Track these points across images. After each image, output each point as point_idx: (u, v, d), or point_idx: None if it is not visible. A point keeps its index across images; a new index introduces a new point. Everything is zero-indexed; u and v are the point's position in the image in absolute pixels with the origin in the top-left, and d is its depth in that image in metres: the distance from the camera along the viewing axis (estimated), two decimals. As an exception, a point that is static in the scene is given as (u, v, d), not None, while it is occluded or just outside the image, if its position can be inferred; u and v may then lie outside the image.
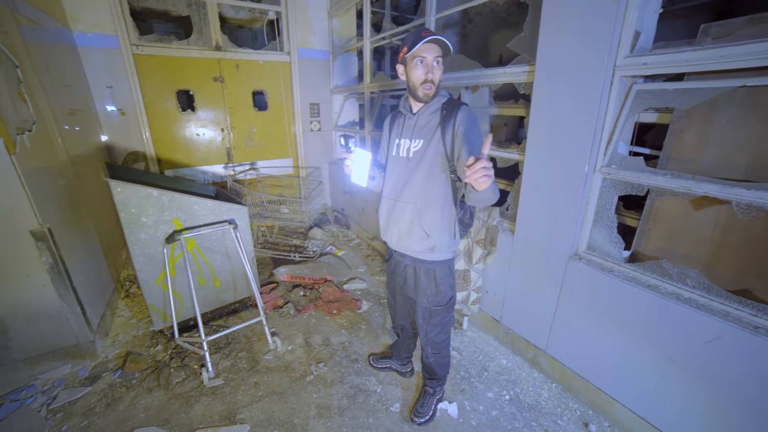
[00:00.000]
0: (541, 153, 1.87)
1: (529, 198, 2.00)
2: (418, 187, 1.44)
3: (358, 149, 1.36)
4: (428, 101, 1.41)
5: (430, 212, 1.45)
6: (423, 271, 1.56)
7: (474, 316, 2.56)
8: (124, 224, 1.99)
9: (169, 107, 3.57)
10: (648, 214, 1.75)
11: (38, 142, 2.02)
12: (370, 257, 3.59)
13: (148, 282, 2.16)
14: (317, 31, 4.13)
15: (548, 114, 1.80)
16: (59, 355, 2.08)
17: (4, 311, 1.89)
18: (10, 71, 1.89)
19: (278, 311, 2.63)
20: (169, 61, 3.45)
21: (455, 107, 1.37)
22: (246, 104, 3.96)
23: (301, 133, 4.29)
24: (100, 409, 1.83)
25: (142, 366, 2.09)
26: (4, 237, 1.80)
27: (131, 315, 2.61)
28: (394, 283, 1.75)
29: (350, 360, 2.20)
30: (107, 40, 3.12)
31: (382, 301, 2.84)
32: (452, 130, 1.35)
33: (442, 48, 1.32)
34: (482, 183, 1.07)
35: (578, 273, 1.80)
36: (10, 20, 1.97)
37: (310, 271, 2.93)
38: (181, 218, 2.16)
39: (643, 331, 1.57)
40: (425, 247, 1.50)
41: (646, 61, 1.43)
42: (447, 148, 1.37)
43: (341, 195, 4.36)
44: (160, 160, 3.61)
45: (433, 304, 1.60)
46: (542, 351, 2.10)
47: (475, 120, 1.38)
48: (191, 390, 1.94)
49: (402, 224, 1.51)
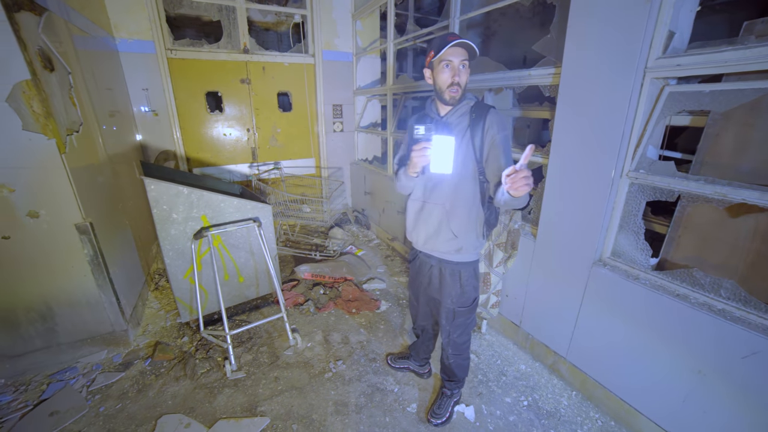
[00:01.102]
0: (566, 157, 1.84)
1: (553, 202, 1.96)
2: (447, 188, 1.46)
3: (438, 136, 1.25)
4: (455, 104, 1.43)
5: (458, 213, 1.47)
6: (449, 272, 1.57)
7: (493, 319, 2.54)
8: (157, 220, 2.09)
9: (199, 108, 3.72)
10: (678, 221, 1.68)
11: (83, 142, 2.17)
12: (390, 258, 3.61)
13: (177, 276, 2.26)
14: (341, 33, 4.19)
15: (574, 117, 1.77)
16: (97, 341, 2.22)
17: (51, 298, 2.04)
18: (63, 78, 2.04)
19: (299, 308, 2.69)
20: (200, 64, 3.60)
21: (484, 110, 1.39)
22: (271, 105, 4.07)
23: (324, 134, 4.36)
24: (133, 394, 1.94)
25: (169, 356, 2.19)
26: (53, 230, 1.94)
27: (160, 307, 2.74)
28: (418, 284, 1.77)
29: (368, 359, 2.23)
30: (145, 45, 3.29)
31: (401, 302, 2.85)
32: (482, 132, 1.38)
33: (468, 51, 1.33)
34: (523, 191, 1.12)
35: (602, 279, 1.75)
36: (64, 31, 2.16)
37: (330, 270, 2.98)
38: (209, 215, 2.25)
39: (671, 341, 1.51)
40: (452, 248, 1.51)
41: (680, 63, 1.38)
42: (476, 150, 1.40)
43: (362, 195, 4.40)
44: (189, 158, 3.76)
45: (458, 305, 1.61)
46: (562, 357, 2.05)
47: (504, 123, 1.40)
48: (215, 381, 2.02)
49: (430, 225, 1.53)
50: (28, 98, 1.76)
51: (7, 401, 1.90)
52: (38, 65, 1.82)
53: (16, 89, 1.72)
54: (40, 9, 1.91)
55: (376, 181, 3.99)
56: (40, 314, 2.04)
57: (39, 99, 1.78)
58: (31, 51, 1.78)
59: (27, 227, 1.90)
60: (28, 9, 1.81)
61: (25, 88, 1.74)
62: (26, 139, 1.80)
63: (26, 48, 1.73)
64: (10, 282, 1.93)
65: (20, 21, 1.72)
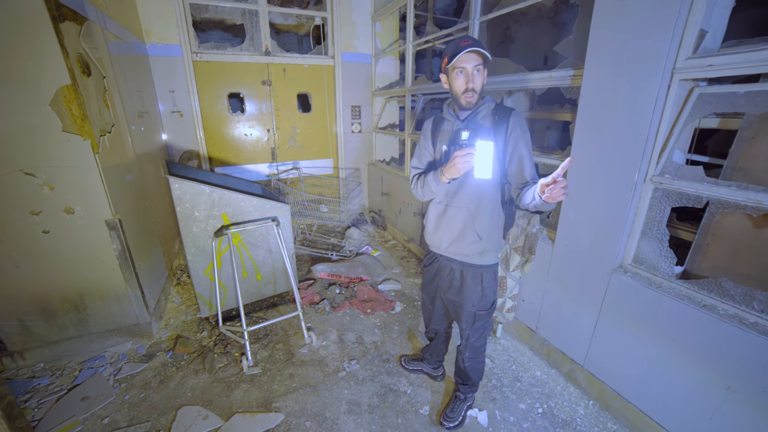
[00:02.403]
0: (587, 160, 1.79)
1: (572, 206, 1.91)
2: (471, 191, 1.47)
3: (481, 141, 1.25)
4: (471, 108, 1.43)
5: (482, 216, 1.48)
6: (470, 275, 1.57)
7: (509, 324, 2.50)
8: (180, 218, 2.18)
9: (221, 109, 3.84)
10: (706, 228, 1.61)
11: (114, 142, 2.28)
12: (406, 259, 3.61)
13: (198, 272, 2.34)
14: (361, 35, 4.23)
15: (596, 119, 1.72)
16: (123, 332, 2.33)
17: (84, 290, 2.16)
18: (98, 82, 2.16)
19: (314, 307, 2.73)
20: (223, 66, 3.71)
21: (506, 113, 1.40)
22: (291, 106, 4.15)
23: (342, 135, 4.41)
24: (155, 385, 2.02)
25: (189, 349, 2.27)
26: (86, 225, 2.05)
27: (181, 301, 2.84)
28: (434, 288, 1.77)
29: (382, 359, 2.24)
30: (172, 49, 3.42)
31: (416, 303, 2.85)
32: (505, 134, 1.39)
33: (481, 56, 1.33)
34: (560, 199, 1.13)
35: (622, 286, 1.70)
36: (101, 38, 2.30)
37: (346, 270, 3.01)
38: (229, 214, 2.32)
39: (697, 354, 1.45)
40: (476, 251, 1.52)
41: (712, 63, 1.32)
42: (499, 153, 1.40)
43: (379, 196, 4.42)
44: (211, 158, 3.89)
45: (478, 308, 1.60)
46: (579, 365, 2.00)
47: (526, 126, 1.42)
48: (232, 376, 2.08)
49: (454, 229, 1.54)
50: (68, 102, 1.86)
51: (45, 384, 2.03)
52: (77, 71, 1.93)
53: (58, 94, 1.84)
54: (81, 19, 2.03)
55: (393, 182, 4.00)
56: (74, 305, 2.16)
57: (77, 102, 1.88)
58: (72, 58, 1.89)
59: (63, 222, 2.01)
60: (71, 19, 1.93)
61: (66, 92, 1.85)
62: (65, 139, 1.91)
63: (68, 55, 1.84)
64: (49, 273, 2.05)
65: (64, 31, 1.83)
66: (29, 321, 2.09)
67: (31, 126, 1.83)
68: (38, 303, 2.08)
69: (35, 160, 1.88)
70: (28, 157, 1.86)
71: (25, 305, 2.06)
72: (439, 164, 1.53)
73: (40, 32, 1.73)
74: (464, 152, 1.26)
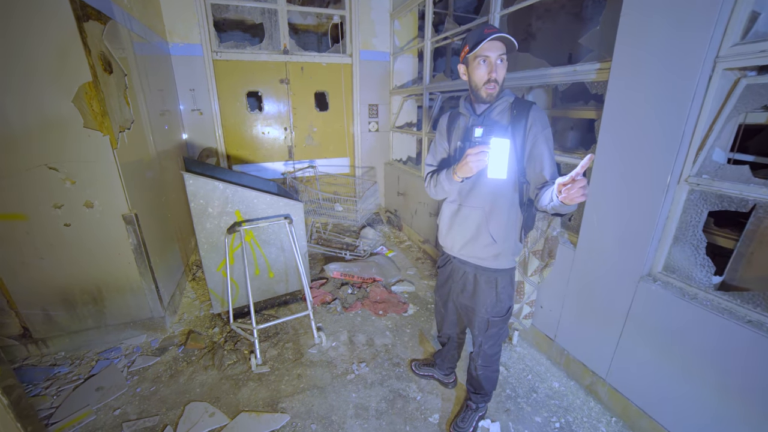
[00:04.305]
0: (613, 159, 1.67)
1: (596, 209, 1.79)
2: (486, 191, 1.38)
3: (495, 139, 1.17)
4: (492, 101, 1.34)
5: (497, 217, 1.39)
6: (484, 279, 1.49)
7: (525, 331, 2.38)
8: (194, 213, 2.19)
9: (240, 107, 3.88)
10: (751, 235, 1.45)
11: (134, 138, 2.33)
12: (420, 260, 3.53)
13: (210, 268, 2.36)
14: (379, 33, 4.18)
15: (624, 116, 1.59)
16: (138, 325, 2.37)
17: (102, 282, 2.21)
18: (120, 79, 2.21)
19: (326, 307, 2.70)
20: (242, 65, 3.75)
21: (526, 107, 1.30)
22: (308, 105, 4.16)
23: (359, 134, 4.38)
24: (166, 379, 2.04)
25: (200, 345, 2.29)
26: (104, 219, 2.10)
27: (196, 297, 2.88)
28: (448, 291, 1.69)
29: (392, 363, 2.18)
30: (193, 48, 3.49)
31: (429, 306, 2.77)
32: (524, 131, 1.29)
33: (506, 45, 1.24)
34: (578, 201, 1.04)
35: (651, 296, 1.57)
36: (127, 39, 2.39)
37: (359, 270, 2.97)
38: (242, 211, 2.32)
39: (738, 375, 1.31)
40: (490, 254, 1.43)
41: (765, 48, 1.17)
42: (517, 150, 1.31)
43: (395, 196, 4.36)
44: (229, 156, 3.94)
45: (492, 314, 1.51)
46: (601, 378, 1.87)
47: (546, 121, 1.31)
48: (240, 373, 2.07)
49: (467, 230, 1.46)
50: (90, 98, 1.91)
51: (64, 372, 2.09)
52: (99, 68, 1.97)
53: (80, 91, 1.88)
54: (105, 18, 2.08)
55: (410, 181, 3.93)
56: (92, 296, 2.22)
57: (98, 99, 1.93)
58: (94, 56, 1.93)
59: (83, 216, 2.07)
60: (95, 19, 1.98)
61: (87, 89, 1.89)
62: (86, 135, 1.95)
63: (90, 53, 1.89)
64: (69, 265, 2.11)
65: (87, 30, 1.88)
66: (52, 310, 2.16)
67: (55, 122, 1.88)
68: (60, 294, 2.14)
69: (59, 155, 1.93)
70: (52, 152, 1.92)
71: (48, 295, 2.13)
72: (453, 161, 1.45)
73: (64, 31, 1.78)
74: (477, 150, 1.20)
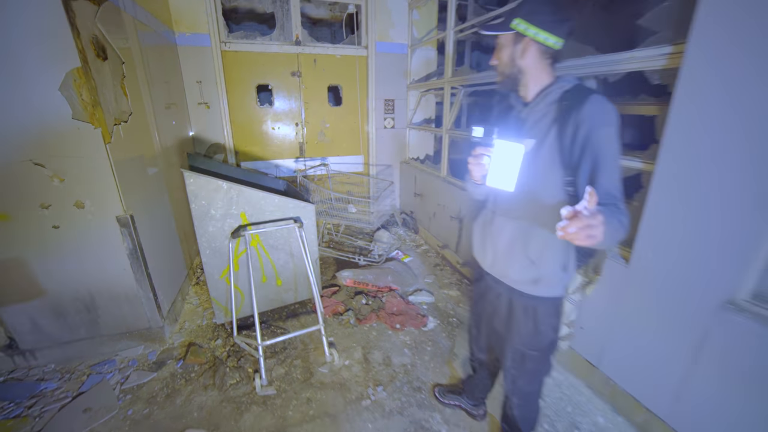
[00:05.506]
0: (686, 162, 1.38)
1: (658, 219, 1.51)
2: (524, 200, 1.12)
3: (501, 141, 1.01)
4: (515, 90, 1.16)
5: (537, 233, 1.12)
6: (520, 306, 1.22)
7: (562, 354, 2.11)
8: (195, 216, 1.98)
9: (249, 101, 3.67)
10: None
11: (133, 132, 2.13)
12: (439, 267, 3.27)
13: (213, 275, 2.14)
14: (396, 23, 3.93)
15: (703, 108, 1.31)
16: (134, 336, 2.18)
17: (95, 290, 2.02)
18: (116, 67, 2.02)
19: (338, 318, 2.46)
20: (252, 56, 3.54)
21: (580, 98, 1.00)
22: (321, 99, 3.92)
23: (374, 130, 4.13)
24: (161, 399, 1.83)
25: (201, 360, 2.07)
26: (97, 221, 1.90)
27: (199, 303, 2.67)
28: (481, 311, 1.44)
29: (413, 387, 1.93)
30: (201, 38, 3.29)
31: (451, 320, 2.51)
32: (574, 127, 0.99)
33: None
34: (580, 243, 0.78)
35: (734, 329, 1.28)
36: (132, 28, 2.24)
37: (374, 278, 2.72)
38: (248, 213, 2.10)
39: None
40: (527, 278, 1.16)
41: None
42: (564, 152, 1.02)
43: (411, 196, 4.10)
44: (237, 152, 3.74)
45: (529, 347, 1.25)
46: (659, 419, 1.59)
47: (609, 115, 0.98)
48: (243, 395, 1.85)
49: (500, 244, 1.20)
50: (78, 86, 1.71)
51: (51, 389, 1.91)
52: (91, 53, 1.77)
53: (68, 78, 1.68)
54: (99, 0, 1.88)
55: (428, 182, 3.67)
56: (84, 305, 2.03)
57: (88, 87, 1.72)
58: (84, 39, 1.73)
59: (74, 217, 1.87)
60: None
61: (76, 76, 1.69)
62: (75, 128, 1.75)
63: (79, 35, 1.68)
64: (59, 271, 1.92)
65: (76, 9, 1.68)
66: (40, 319, 1.98)
67: (40, 112, 1.68)
68: (49, 301, 1.96)
69: (45, 150, 1.74)
70: (37, 146, 1.72)
71: (35, 303, 1.94)
72: None
73: (47, 7, 1.57)
74: (477, 153, 1.08)
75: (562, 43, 1.04)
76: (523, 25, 1.03)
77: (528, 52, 1.06)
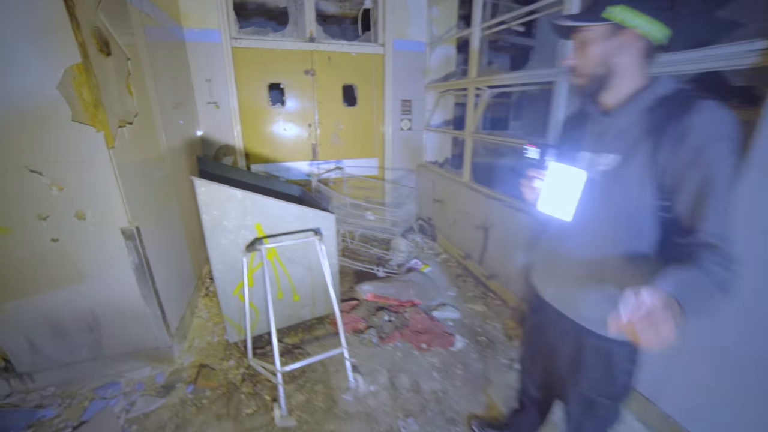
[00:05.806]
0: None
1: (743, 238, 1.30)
2: (602, 225, 0.93)
3: (557, 164, 0.91)
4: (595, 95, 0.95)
5: (619, 264, 0.92)
6: (592, 348, 1.02)
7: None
8: (206, 227, 1.80)
9: (260, 100, 3.49)
10: None
11: (139, 135, 1.96)
12: (461, 278, 3.07)
13: (226, 291, 1.97)
14: (414, 20, 3.73)
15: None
16: (141, 356, 2.00)
17: (98, 307, 1.85)
18: (121, 63, 1.85)
19: (359, 336, 2.28)
20: (264, 53, 3.36)
21: (684, 104, 0.79)
22: (335, 99, 3.74)
23: (390, 132, 3.93)
24: (170, 431, 1.66)
25: (213, 383, 1.90)
26: (99, 233, 1.73)
27: (209, 317, 2.49)
28: (538, 345, 1.24)
29: (446, 419, 1.74)
30: (211, 34, 3.11)
31: (479, 339, 2.32)
32: (675, 141, 0.79)
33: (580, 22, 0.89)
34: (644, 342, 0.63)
35: None
36: (138, 22, 2.08)
37: (396, 291, 2.53)
38: (264, 224, 1.92)
39: None
40: (602, 316, 0.96)
41: None
42: (659, 170, 0.82)
43: (429, 202, 3.90)
44: (247, 154, 3.55)
45: (599, 394, 1.05)
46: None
47: (726, 129, 0.76)
48: (261, 427, 1.66)
49: (569, 272, 1.01)
50: (79, 84, 1.53)
51: (50, 417, 1.74)
52: (92, 48, 1.59)
53: (67, 74, 1.50)
54: (100, -12, 1.70)
55: (448, 187, 3.47)
56: (86, 323, 1.86)
57: (89, 85, 1.54)
58: (85, 32, 1.55)
59: (74, 229, 1.70)
60: (86, -14, 1.59)
61: (76, 72, 1.51)
62: (75, 131, 1.58)
63: (79, 28, 1.50)
64: (59, 287, 1.75)
65: None
66: (38, 340, 1.81)
67: (37, 114, 1.51)
68: (47, 320, 1.79)
69: (42, 155, 1.56)
70: (34, 151, 1.55)
71: (33, 322, 1.77)
72: None
73: (44, -2, 1.40)
74: (529, 175, 1.00)
75: (669, 36, 0.85)
76: (626, 14, 0.82)
77: (628, 48, 0.85)
